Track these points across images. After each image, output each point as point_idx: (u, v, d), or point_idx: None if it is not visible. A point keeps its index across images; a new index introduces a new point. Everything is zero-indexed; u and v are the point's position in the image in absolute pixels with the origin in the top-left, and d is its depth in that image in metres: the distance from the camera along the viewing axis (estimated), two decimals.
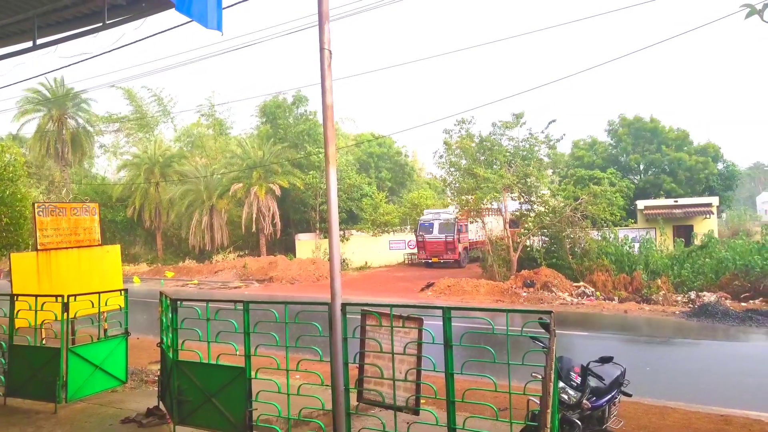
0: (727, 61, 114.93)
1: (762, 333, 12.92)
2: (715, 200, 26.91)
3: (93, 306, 7.53)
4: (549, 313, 4.31)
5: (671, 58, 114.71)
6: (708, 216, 26.08)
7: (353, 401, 5.24)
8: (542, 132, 21.84)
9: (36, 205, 9.14)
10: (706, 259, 18.36)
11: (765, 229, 19.54)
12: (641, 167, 32.61)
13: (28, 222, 14.10)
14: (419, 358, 4.74)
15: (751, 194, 67.39)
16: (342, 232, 30.83)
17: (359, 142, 41.10)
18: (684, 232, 24.96)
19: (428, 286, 20.73)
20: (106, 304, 7.74)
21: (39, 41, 7.75)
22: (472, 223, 27.43)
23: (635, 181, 31.66)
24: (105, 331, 8.25)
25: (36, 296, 7.30)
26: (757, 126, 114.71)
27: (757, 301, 15.90)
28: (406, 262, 31.70)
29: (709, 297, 16.28)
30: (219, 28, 4.87)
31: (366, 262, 31.27)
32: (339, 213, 6.83)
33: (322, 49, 5.07)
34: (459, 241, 27.95)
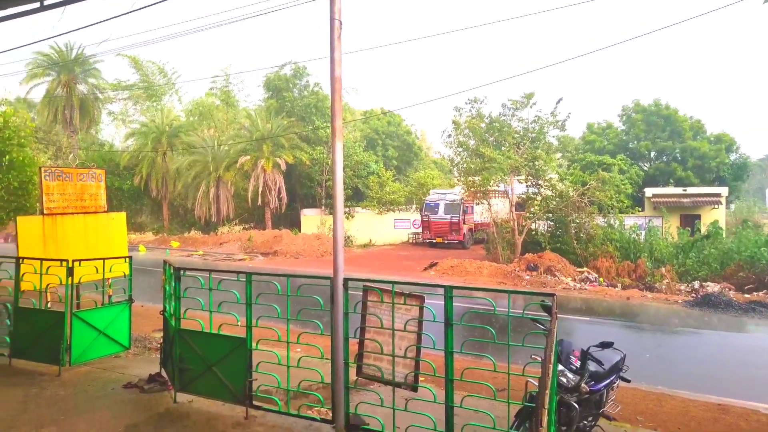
0: (744, 50, 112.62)
1: (764, 325, 12.90)
2: (724, 191, 26.64)
3: (97, 272, 7.58)
4: (551, 296, 4.29)
5: (688, 45, 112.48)
6: (716, 206, 25.85)
7: (352, 376, 5.28)
8: (551, 113, 21.56)
9: (43, 169, 9.14)
10: (712, 249, 18.26)
11: None
12: (652, 154, 32.27)
13: (36, 187, 14.17)
14: (419, 335, 4.75)
15: (761, 186, 66.58)
16: (347, 209, 30.83)
17: (367, 117, 40.76)
18: (691, 221, 24.81)
19: (431, 265, 20.78)
20: (110, 271, 7.79)
21: (46, 2, 7.63)
22: (477, 204, 27.33)
23: (645, 168, 31.36)
24: (109, 297, 8.31)
25: (41, 260, 7.33)
26: None
27: (761, 293, 15.83)
28: (411, 241, 31.74)
29: (712, 287, 16.24)
30: None
31: (370, 240, 31.33)
32: (345, 190, 6.79)
33: (332, 19, 4.97)
34: (464, 222, 27.91)
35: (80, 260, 7.42)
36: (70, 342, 7.14)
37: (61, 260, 7.19)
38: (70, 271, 7.12)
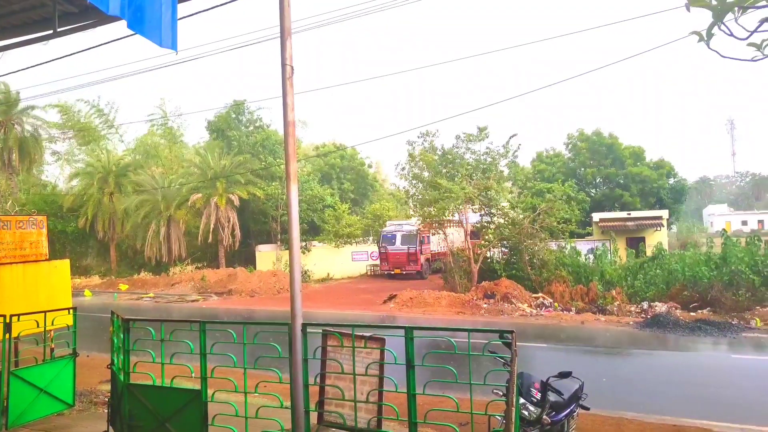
0: (677, 81, 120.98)
1: (710, 343, 13.44)
2: (665, 213, 28.03)
3: (38, 325, 7.15)
4: (511, 332, 4.34)
5: (629, 78, 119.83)
6: (659, 228, 27.12)
7: (314, 422, 5.13)
8: (503, 146, 22.27)
9: None
10: (657, 270, 19.02)
11: (710, 241, 20.40)
12: (598, 180, 33.73)
13: None
14: (381, 378, 4.68)
15: (698, 207, 70.57)
16: (304, 244, 30.51)
17: (322, 153, 40.88)
18: (636, 243, 25.88)
19: (391, 298, 20.68)
20: (52, 324, 7.37)
21: None
22: (434, 234, 27.64)
23: (592, 194, 32.68)
24: (51, 351, 7.83)
25: None
26: (703, 141, 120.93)
27: (705, 311, 16.54)
28: (369, 273, 31.62)
29: (660, 307, 16.86)
30: (173, 47, 4.66)
31: (328, 274, 31.01)
32: (300, 224, 6.69)
33: (284, 64, 5.00)
34: (421, 253, 28.10)
35: (19, 315, 6.99)
36: (7, 403, 6.65)
37: None
38: (7, 327, 6.69)
